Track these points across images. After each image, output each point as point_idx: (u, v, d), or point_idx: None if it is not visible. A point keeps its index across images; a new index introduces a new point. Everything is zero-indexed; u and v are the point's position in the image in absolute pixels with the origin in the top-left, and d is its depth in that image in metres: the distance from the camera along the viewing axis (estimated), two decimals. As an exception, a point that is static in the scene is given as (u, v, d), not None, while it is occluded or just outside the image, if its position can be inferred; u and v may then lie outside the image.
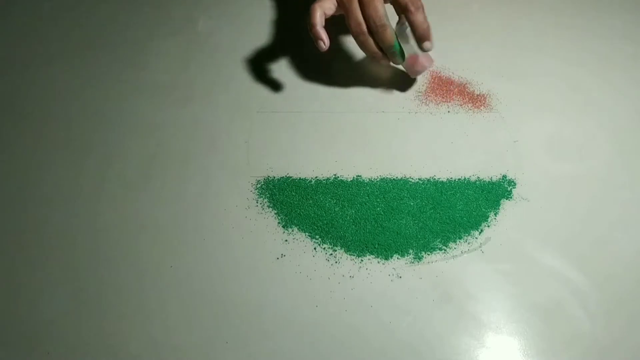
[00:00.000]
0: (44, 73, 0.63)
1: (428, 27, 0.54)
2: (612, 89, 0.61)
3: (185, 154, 0.56)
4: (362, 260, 0.49)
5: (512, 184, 0.53)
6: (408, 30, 0.55)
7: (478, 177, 0.54)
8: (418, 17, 0.53)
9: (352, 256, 0.49)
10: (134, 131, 0.58)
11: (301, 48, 0.64)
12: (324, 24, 0.55)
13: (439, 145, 0.56)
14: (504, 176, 0.54)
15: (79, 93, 0.61)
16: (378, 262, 0.49)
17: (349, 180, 0.54)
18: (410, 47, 0.56)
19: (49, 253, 0.50)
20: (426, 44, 0.54)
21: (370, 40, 0.55)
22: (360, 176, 0.54)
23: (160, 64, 0.63)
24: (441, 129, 0.57)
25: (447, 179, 0.54)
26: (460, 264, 0.49)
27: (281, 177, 0.54)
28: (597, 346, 0.44)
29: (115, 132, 0.58)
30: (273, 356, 0.44)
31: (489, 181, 0.54)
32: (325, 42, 0.54)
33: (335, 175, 0.54)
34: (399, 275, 0.48)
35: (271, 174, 0.54)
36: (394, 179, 0.54)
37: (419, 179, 0.54)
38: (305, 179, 0.54)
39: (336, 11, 0.56)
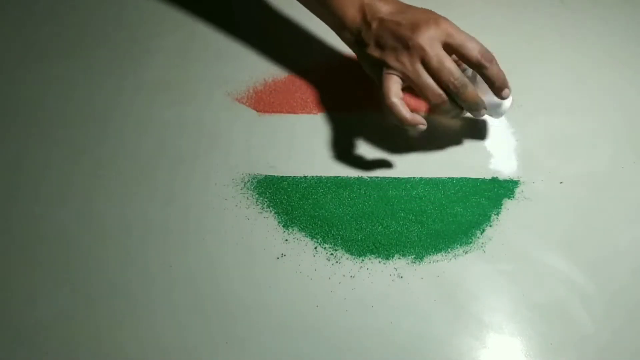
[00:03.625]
0: (42, 71, 0.63)
1: (504, 75, 0.49)
2: (618, 88, 0.60)
3: (185, 154, 0.56)
4: (363, 260, 0.49)
5: (515, 183, 0.53)
6: (478, 77, 0.51)
7: (480, 176, 0.54)
8: (494, 71, 0.48)
9: (352, 256, 0.49)
10: (133, 130, 0.58)
11: (301, 48, 0.64)
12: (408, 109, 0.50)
13: (440, 144, 0.56)
14: (506, 176, 0.54)
15: (78, 92, 0.61)
16: (379, 262, 0.49)
17: (350, 179, 0.53)
18: (483, 91, 0.51)
19: (47, 253, 0.50)
20: (505, 92, 0.50)
21: (451, 104, 0.50)
22: (361, 175, 0.54)
23: (160, 63, 0.63)
24: (443, 127, 0.57)
25: (449, 178, 0.53)
26: (461, 264, 0.48)
27: (281, 177, 0.54)
28: (599, 347, 0.44)
29: (114, 131, 0.57)
30: (273, 356, 0.44)
31: (491, 180, 0.53)
32: (424, 123, 0.50)
33: (336, 174, 0.54)
34: (400, 275, 0.48)
35: (271, 174, 0.54)
36: (395, 178, 0.53)
37: (420, 178, 0.53)
38: (305, 179, 0.54)
39: (403, 85, 0.50)
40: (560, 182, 0.53)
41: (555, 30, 0.66)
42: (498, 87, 0.49)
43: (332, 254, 0.49)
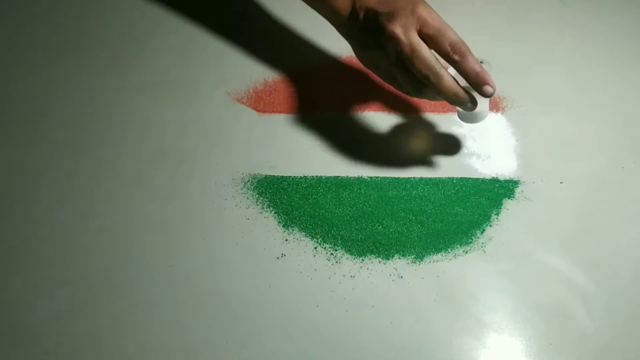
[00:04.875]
0: (42, 71, 0.63)
1: (482, 70, 0.46)
2: (618, 88, 0.60)
3: (186, 154, 0.56)
4: (363, 260, 0.49)
5: (515, 183, 0.53)
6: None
7: (480, 176, 0.54)
8: (467, 65, 0.46)
9: (352, 256, 0.49)
10: (133, 130, 0.58)
11: (301, 48, 0.64)
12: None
13: (441, 144, 0.56)
14: (506, 176, 0.54)
15: (78, 92, 0.61)
16: (379, 262, 0.49)
17: (350, 179, 0.53)
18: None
19: (47, 253, 0.50)
20: (486, 89, 0.46)
21: (432, 92, 0.48)
22: (361, 175, 0.54)
23: (160, 63, 0.63)
24: (443, 127, 0.57)
25: (449, 178, 0.53)
26: (462, 264, 0.48)
27: (281, 177, 0.54)
28: (599, 347, 0.44)
29: (114, 131, 0.57)
30: (273, 356, 0.44)
31: (491, 180, 0.53)
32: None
33: (336, 174, 0.54)
34: (400, 275, 0.48)
35: (272, 173, 0.54)
36: (395, 178, 0.53)
37: (420, 178, 0.53)
38: (305, 179, 0.54)
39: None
40: (560, 182, 0.53)
41: (555, 30, 0.66)
42: (474, 83, 0.46)
43: (332, 254, 0.49)
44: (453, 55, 0.46)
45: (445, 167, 0.54)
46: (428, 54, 0.46)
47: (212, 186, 0.53)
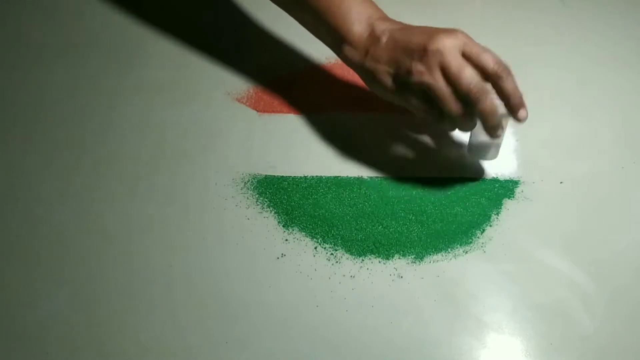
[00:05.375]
0: (43, 72, 0.63)
1: (521, 94, 0.46)
2: (618, 88, 0.60)
3: (186, 154, 0.56)
4: (363, 260, 0.49)
5: (515, 183, 0.53)
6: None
7: (480, 177, 0.54)
8: (510, 84, 0.45)
9: (352, 256, 0.49)
10: (134, 130, 0.58)
11: (302, 48, 0.64)
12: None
13: (441, 145, 0.56)
14: (506, 176, 0.54)
15: (78, 92, 0.61)
16: (379, 262, 0.49)
17: (350, 179, 0.53)
18: (477, 133, 0.49)
19: (47, 253, 0.50)
20: (522, 113, 0.46)
21: (466, 117, 0.47)
22: (361, 175, 0.54)
23: (160, 63, 0.63)
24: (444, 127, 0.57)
25: (449, 178, 0.53)
26: (462, 264, 0.48)
27: (281, 177, 0.54)
28: (599, 347, 0.44)
29: (114, 131, 0.57)
30: (273, 356, 0.44)
31: (491, 180, 0.53)
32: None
33: (336, 174, 0.54)
34: (400, 275, 0.48)
35: (271, 174, 0.54)
36: (395, 178, 0.53)
37: (421, 178, 0.53)
38: (305, 179, 0.54)
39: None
40: (560, 182, 0.53)
41: (555, 30, 0.66)
42: (514, 105, 0.46)
43: (332, 254, 0.49)
44: (500, 72, 0.45)
45: (445, 167, 0.54)
46: (473, 71, 0.45)
47: (212, 186, 0.53)
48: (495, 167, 0.54)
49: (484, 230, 0.50)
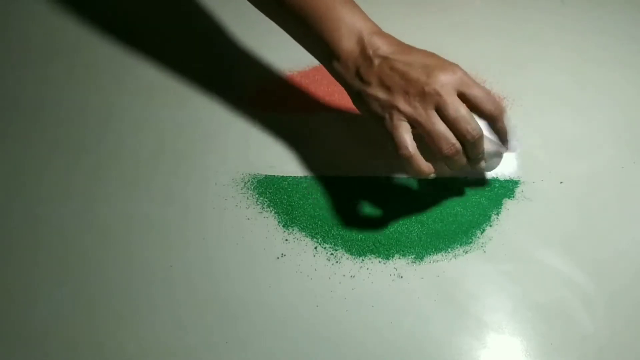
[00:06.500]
0: (42, 72, 0.63)
1: (512, 126, 0.48)
2: (618, 88, 0.60)
3: (185, 154, 0.56)
4: (363, 260, 0.49)
5: (515, 183, 0.53)
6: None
7: (480, 177, 0.53)
8: (504, 125, 0.47)
9: (352, 256, 0.49)
10: (133, 130, 0.57)
11: (302, 48, 0.64)
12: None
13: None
14: (506, 176, 0.54)
15: (78, 92, 0.61)
16: (379, 262, 0.49)
17: (350, 179, 0.53)
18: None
19: (47, 253, 0.50)
20: (514, 144, 0.49)
21: (461, 156, 0.46)
22: (361, 175, 0.54)
23: (160, 63, 0.63)
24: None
25: (449, 178, 0.53)
26: (462, 264, 0.48)
27: (281, 177, 0.54)
28: (599, 347, 0.44)
29: (114, 131, 0.57)
30: (273, 356, 0.44)
31: (491, 180, 0.53)
32: (434, 171, 0.46)
33: (335, 174, 0.54)
34: (400, 275, 0.48)
35: (271, 174, 0.54)
36: (395, 178, 0.53)
37: (421, 178, 0.53)
38: (305, 179, 0.54)
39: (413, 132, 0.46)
40: (560, 182, 0.53)
41: (555, 30, 0.66)
42: (505, 140, 0.48)
43: (332, 254, 0.49)
44: (499, 114, 0.46)
45: (445, 167, 0.54)
46: (470, 113, 0.45)
47: (212, 186, 0.53)
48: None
49: (484, 230, 0.50)
